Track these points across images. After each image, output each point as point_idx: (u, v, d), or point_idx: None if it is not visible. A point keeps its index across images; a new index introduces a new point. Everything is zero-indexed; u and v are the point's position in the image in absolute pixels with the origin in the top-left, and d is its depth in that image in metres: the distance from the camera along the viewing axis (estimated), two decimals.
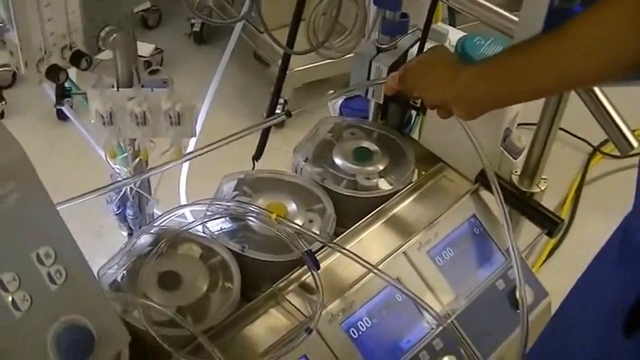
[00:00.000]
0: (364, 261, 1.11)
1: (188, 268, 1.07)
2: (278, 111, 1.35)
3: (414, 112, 1.40)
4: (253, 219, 1.14)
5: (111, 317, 0.83)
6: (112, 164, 1.28)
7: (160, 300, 1.02)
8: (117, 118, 1.17)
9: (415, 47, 1.35)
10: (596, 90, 1.13)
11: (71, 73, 1.14)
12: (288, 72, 1.42)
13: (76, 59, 1.09)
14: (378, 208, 1.23)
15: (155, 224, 1.15)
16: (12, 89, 2.76)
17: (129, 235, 1.43)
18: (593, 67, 0.84)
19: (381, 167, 1.29)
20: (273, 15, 1.36)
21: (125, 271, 1.06)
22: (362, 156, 1.30)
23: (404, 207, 1.26)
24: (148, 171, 1.23)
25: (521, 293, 1.14)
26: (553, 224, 1.24)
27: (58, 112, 2.59)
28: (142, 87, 1.19)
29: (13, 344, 0.73)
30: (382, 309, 1.12)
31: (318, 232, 1.14)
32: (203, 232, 1.14)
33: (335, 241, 1.15)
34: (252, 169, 1.39)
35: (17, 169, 0.71)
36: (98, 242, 2.03)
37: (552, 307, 1.27)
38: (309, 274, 1.09)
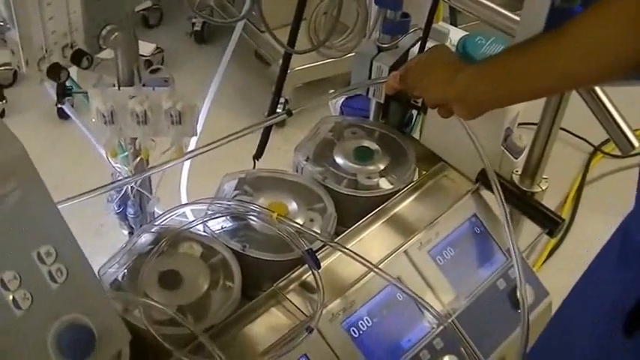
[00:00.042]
0: (365, 260, 1.11)
1: (189, 267, 1.07)
2: (279, 110, 1.35)
3: (414, 112, 1.40)
4: (254, 218, 1.14)
5: (111, 316, 0.83)
6: (112, 163, 1.28)
7: (161, 299, 1.02)
8: (118, 117, 1.17)
9: (416, 47, 1.35)
10: (597, 90, 1.13)
11: (72, 71, 1.14)
12: (289, 71, 1.42)
13: (77, 58, 1.09)
14: (378, 207, 1.23)
15: (156, 223, 1.15)
16: (13, 88, 2.76)
17: (129, 234, 1.43)
18: (593, 67, 0.84)
19: (381, 166, 1.29)
20: (274, 14, 1.36)
21: (126, 270, 1.06)
22: (363, 155, 1.30)
23: (405, 206, 1.26)
24: (149, 170, 1.23)
25: (522, 293, 1.14)
26: (554, 224, 1.24)
27: (59, 110, 2.59)
28: (143, 86, 1.19)
29: (14, 343, 0.73)
30: (383, 308, 1.12)
31: (318, 232, 1.14)
32: (204, 231, 1.14)
33: (336, 240, 1.15)
34: (253, 168, 1.39)
35: (18, 167, 0.71)
36: (99, 241, 2.03)
37: (553, 307, 1.27)
38: (310, 273, 1.09)
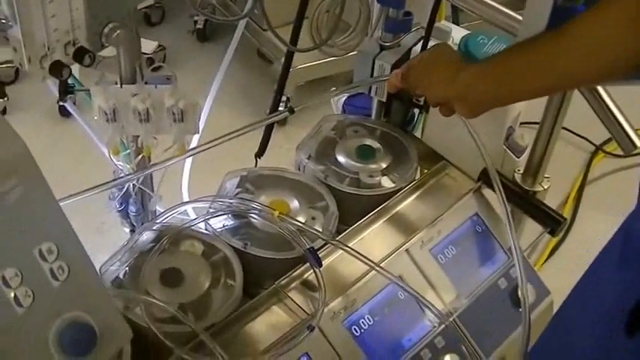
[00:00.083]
0: (366, 259, 1.11)
1: (190, 265, 1.07)
2: (281, 108, 1.35)
3: (416, 110, 1.40)
4: (256, 216, 1.14)
5: (113, 314, 0.83)
6: (114, 161, 1.28)
7: (162, 297, 1.02)
8: (120, 114, 1.17)
9: (418, 45, 1.35)
10: (599, 89, 1.13)
11: (74, 69, 1.14)
12: (291, 69, 1.41)
13: (79, 56, 1.09)
14: (380, 205, 1.23)
15: (157, 221, 1.15)
16: (15, 85, 2.76)
17: (131, 231, 1.43)
18: (593, 67, 0.84)
19: (383, 165, 1.28)
20: (276, 12, 1.36)
21: (127, 268, 1.06)
22: (365, 154, 1.30)
23: (406, 205, 1.26)
24: (151, 167, 1.23)
25: (523, 292, 1.14)
26: (556, 223, 1.24)
27: (61, 108, 2.59)
28: (146, 84, 1.19)
29: (15, 340, 0.72)
30: (384, 307, 1.12)
31: (320, 230, 1.14)
32: (205, 229, 1.14)
33: (337, 238, 1.14)
34: (255, 166, 1.39)
35: (20, 165, 0.71)
36: (100, 239, 2.04)
37: (554, 306, 1.27)
38: (312, 271, 1.09)
